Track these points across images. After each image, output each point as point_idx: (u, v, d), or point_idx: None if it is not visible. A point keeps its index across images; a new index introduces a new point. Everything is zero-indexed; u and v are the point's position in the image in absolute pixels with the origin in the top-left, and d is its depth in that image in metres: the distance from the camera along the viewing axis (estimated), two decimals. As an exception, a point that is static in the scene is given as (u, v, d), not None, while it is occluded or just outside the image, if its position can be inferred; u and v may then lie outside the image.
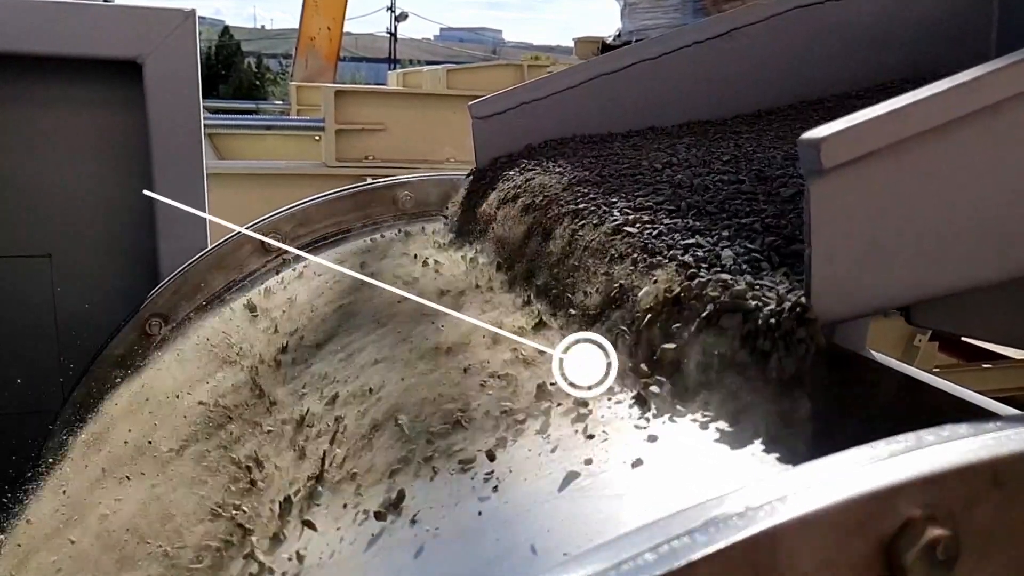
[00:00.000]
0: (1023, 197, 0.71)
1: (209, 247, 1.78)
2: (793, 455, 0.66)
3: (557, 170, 1.25)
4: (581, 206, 1.09)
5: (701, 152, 1.27)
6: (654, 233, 0.94)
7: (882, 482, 0.49)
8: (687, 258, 0.85)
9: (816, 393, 0.73)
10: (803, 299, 0.70)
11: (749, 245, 0.84)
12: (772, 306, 0.72)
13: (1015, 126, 0.69)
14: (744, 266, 0.80)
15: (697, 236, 0.90)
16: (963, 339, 4.37)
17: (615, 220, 1.01)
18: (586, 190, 1.13)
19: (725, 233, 0.88)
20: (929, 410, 0.78)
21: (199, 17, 2.14)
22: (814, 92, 1.55)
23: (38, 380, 1.99)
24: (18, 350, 2.07)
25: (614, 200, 1.07)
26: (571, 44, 8.41)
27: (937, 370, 4.16)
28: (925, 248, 0.70)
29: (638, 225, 0.97)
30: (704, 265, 0.83)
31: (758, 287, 0.75)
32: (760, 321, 0.71)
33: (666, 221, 0.96)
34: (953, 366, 4.63)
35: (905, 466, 0.50)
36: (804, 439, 0.68)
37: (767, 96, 1.53)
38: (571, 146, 1.42)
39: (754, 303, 0.73)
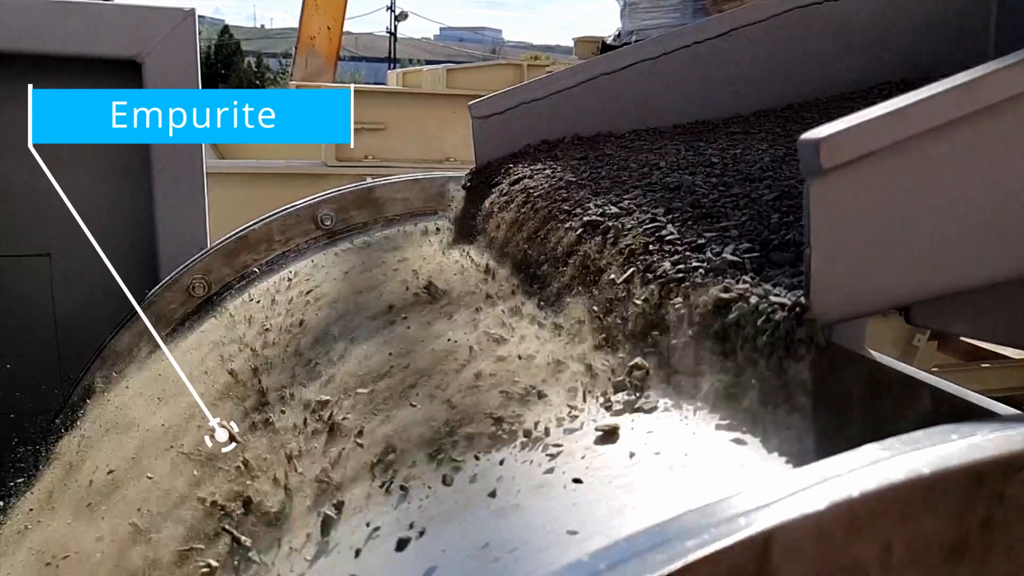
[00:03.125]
0: (1023, 197, 0.71)
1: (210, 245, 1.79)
2: (789, 457, 0.66)
3: (554, 171, 1.25)
4: (576, 209, 1.09)
5: (692, 155, 1.27)
6: (647, 235, 0.94)
7: (878, 484, 0.49)
8: (682, 261, 0.85)
9: (814, 393, 0.73)
10: (803, 299, 0.70)
11: (738, 246, 0.84)
12: (770, 307, 0.72)
13: (1015, 127, 0.69)
14: (739, 266, 0.81)
15: (691, 238, 0.90)
16: (962, 339, 4.37)
17: (611, 222, 1.01)
18: (581, 193, 1.13)
19: (712, 235, 0.89)
20: (927, 410, 0.78)
21: (199, 16, 2.14)
22: (813, 92, 1.55)
23: (37, 379, 1.99)
24: (17, 349, 2.07)
25: (610, 201, 1.07)
26: (571, 44, 8.41)
27: (936, 370, 4.16)
28: (925, 248, 0.70)
29: (632, 227, 0.97)
30: (701, 266, 0.83)
31: (757, 287, 0.75)
32: (759, 322, 0.71)
33: (655, 222, 0.96)
34: (953, 366, 4.62)
35: (898, 468, 0.50)
36: (800, 441, 0.68)
37: (766, 96, 1.53)
38: (569, 146, 1.42)
39: (754, 303, 0.73)
